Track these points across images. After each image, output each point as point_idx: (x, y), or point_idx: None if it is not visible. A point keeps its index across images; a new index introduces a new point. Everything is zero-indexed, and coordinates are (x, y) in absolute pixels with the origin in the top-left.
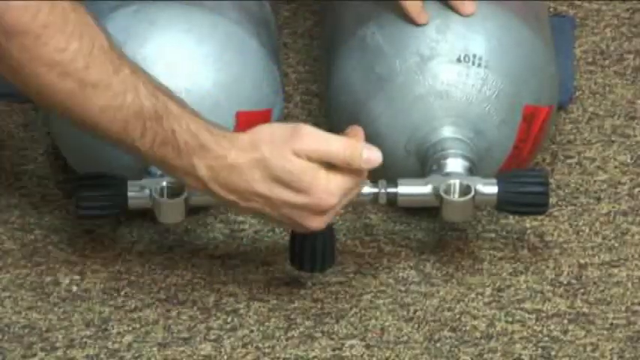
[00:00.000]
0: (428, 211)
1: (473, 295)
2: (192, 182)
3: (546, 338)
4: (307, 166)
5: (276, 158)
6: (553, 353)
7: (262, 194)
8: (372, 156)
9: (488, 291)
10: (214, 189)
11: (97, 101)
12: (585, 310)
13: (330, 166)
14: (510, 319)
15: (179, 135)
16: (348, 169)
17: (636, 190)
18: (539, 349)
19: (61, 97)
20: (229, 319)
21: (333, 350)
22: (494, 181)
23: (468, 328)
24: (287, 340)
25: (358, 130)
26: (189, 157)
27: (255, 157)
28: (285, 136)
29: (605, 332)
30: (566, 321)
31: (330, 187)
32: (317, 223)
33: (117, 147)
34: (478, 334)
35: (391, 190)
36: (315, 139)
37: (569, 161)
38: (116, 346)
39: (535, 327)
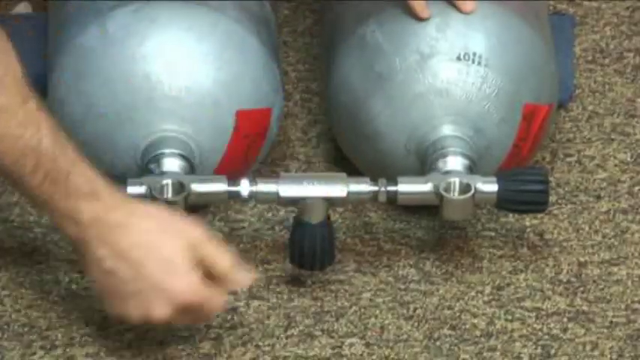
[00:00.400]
0: (428, 209)
1: (473, 294)
2: (69, 226)
3: (546, 336)
4: (184, 261)
5: (167, 241)
6: (553, 351)
7: (136, 261)
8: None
9: (487, 289)
10: (88, 237)
11: (1, 127)
12: (585, 308)
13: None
14: (510, 318)
15: (72, 178)
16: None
17: (636, 188)
18: (539, 347)
19: None
20: (229, 318)
21: (333, 349)
22: (494, 179)
23: (467, 326)
24: (287, 338)
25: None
26: (76, 202)
27: (147, 227)
28: (182, 226)
29: (604, 330)
30: (565, 319)
31: (192, 286)
32: (160, 312)
33: (3, 178)
34: (478, 333)
35: (391, 188)
36: (211, 249)
37: (568, 159)
38: (116, 344)
39: (535, 325)
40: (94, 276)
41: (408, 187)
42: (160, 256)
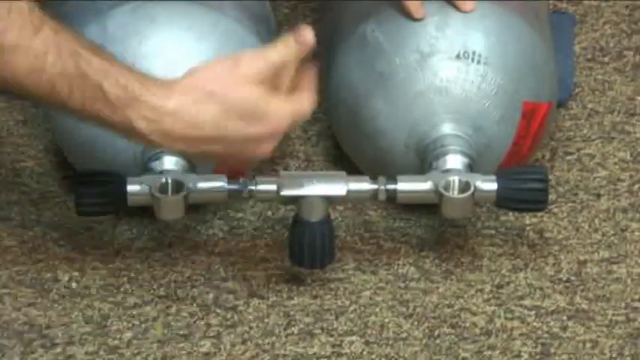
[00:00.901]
0: (427, 207)
1: (472, 292)
2: (132, 137)
3: (546, 335)
4: (260, 94)
5: (229, 91)
6: (552, 350)
7: (213, 135)
8: (301, 36)
9: (487, 287)
10: (157, 140)
11: (19, 64)
12: (585, 306)
13: (275, 88)
14: (510, 316)
15: (108, 90)
16: (295, 94)
17: (636, 186)
18: (539, 345)
19: None
20: (229, 316)
21: (333, 347)
22: (494, 177)
23: (467, 324)
24: (286, 336)
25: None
26: (123, 112)
27: (201, 96)
28: (227, 67)
29: (604, 329)
30: (565, 317)
31: (283, 113)
32: (266, 150)
33: (51, 108)
34: (477, 331)
35: (391, 186)
36: (256, 59)
37: (568, 158)
38: (116, 342)
39: (534, 323)
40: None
41: (408, 185)
42: (228, 115)
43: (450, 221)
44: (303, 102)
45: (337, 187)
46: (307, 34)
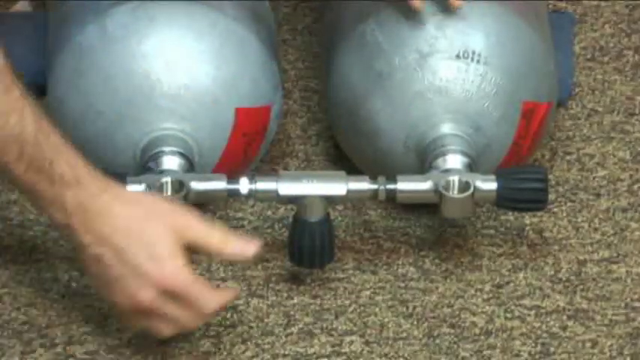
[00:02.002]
0: (427, 207)
1: (472, 292)
2: (55, 213)
3: (545, 334)
4: (175, 250)
5: (155, 223)
6: (552, 349)
7: (119, 245)
8: (245, 248)
9: (487, 287)
10: (73, 224)
11: None
12: (584, 306)
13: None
14: (509, 316)
15: (56, 165)
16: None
17: (635, 186)
18: (539, 345)
19: None
20: (228, 316)
21: (333, 346)
22: (494, 177)
23: (467, 324)
24: (286, 336)
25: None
26: (61, 189)
27: (128, 207)
28: (171, 209)
29: (604, 328)
30: (565, 317)
31: (177, 275)
32: (144, 295)
33: None
34: (477, 331)
35: (390, 186)
36: (198, 230)
37: (568, 157)
38: (115, 342)
39: (534, 323)
40: (83, 263)
41: (408, 185)
42: (142, 241)
43: (449, 221)
44: (207, 293)
45: (337, 186)
46: (250, 250)
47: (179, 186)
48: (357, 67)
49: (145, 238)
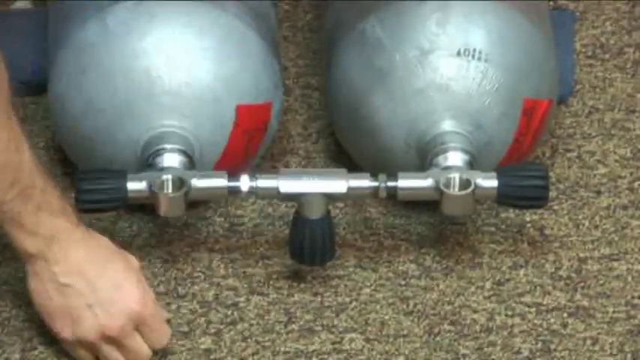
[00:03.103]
0: (428, 204)
1: (473, 289)
2: (27, 240)
3: (546, 332)
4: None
5: (121, 263)
6: (553, 347)
7: (91, 276)
8: None
9: (488, 285)
10: (46, 252)
11: None
12: (585, 303)
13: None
14: (510, 313)
15: (46, 194)
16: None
17: (636, 183)
18: (539, 342)
19: None
20: (229, 313)
21: (333, 344)
22: (494, 174)
23: (467, 321)
24: (287, 333)
25: None
26: (46, 215)
27: (106, 243)
28: (131, 278)
29: (604, 326)
30: (565, 315)
31: (117, 318)
32: (115, 324)
33: None
34: (478, 328)
35: (391, 183)
36: (153, 315)
37: (569, 155)
38: None
39: (535, 321)
40: (43, 295)
41: (408, 182)
42: (114, 271)
43: (450, 218)
44: (166, 328)
45: (338, 184)
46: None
47: (180, 183)
48: (358, 64)
49: (118, 269)
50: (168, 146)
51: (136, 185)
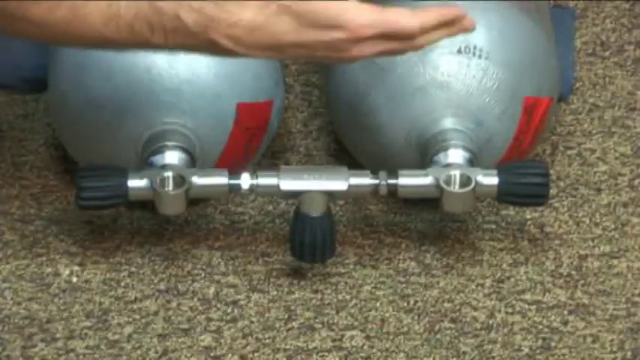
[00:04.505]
0: (428, 202)
1: (473, 286)
2: (220, 54)
3: (546, 329)
4: (332, 3)
5: (300, 2)
6: (553, 344)
7: (293, 42)
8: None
9: (488, 282)
10: (247, 53)
11: (94, 17)
12: (585, 301)
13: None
14: (510, 310)
15: (185, 17)
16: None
17: (636, 181)
18: (540, 340)
19: (62, 28)
20: (229, 310)
21: (333, 341)
22: (495, 172)
23: (468, 319)
24: (287, 331)
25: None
26: (204, 36)
27: (274, 8)
28: None
29: (605, 323)
30: (566, 312)
31: (361, 20)
32: (352, 54)
33: (137, 50)
34: (478, 325)
35: (391, 181)
36: None
37: (569, 152)
38: (116, 337)
39: (535, 318)
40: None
41: (409, 180)
42: (310, 16)
43: (450, 216)
44: (394, 15)
45: (338, 181)
46: (468, 25)
47: (181, 181)
48: (359, 61)
49: (309, 15)
50: (169, 144)
51: (136, 182)
